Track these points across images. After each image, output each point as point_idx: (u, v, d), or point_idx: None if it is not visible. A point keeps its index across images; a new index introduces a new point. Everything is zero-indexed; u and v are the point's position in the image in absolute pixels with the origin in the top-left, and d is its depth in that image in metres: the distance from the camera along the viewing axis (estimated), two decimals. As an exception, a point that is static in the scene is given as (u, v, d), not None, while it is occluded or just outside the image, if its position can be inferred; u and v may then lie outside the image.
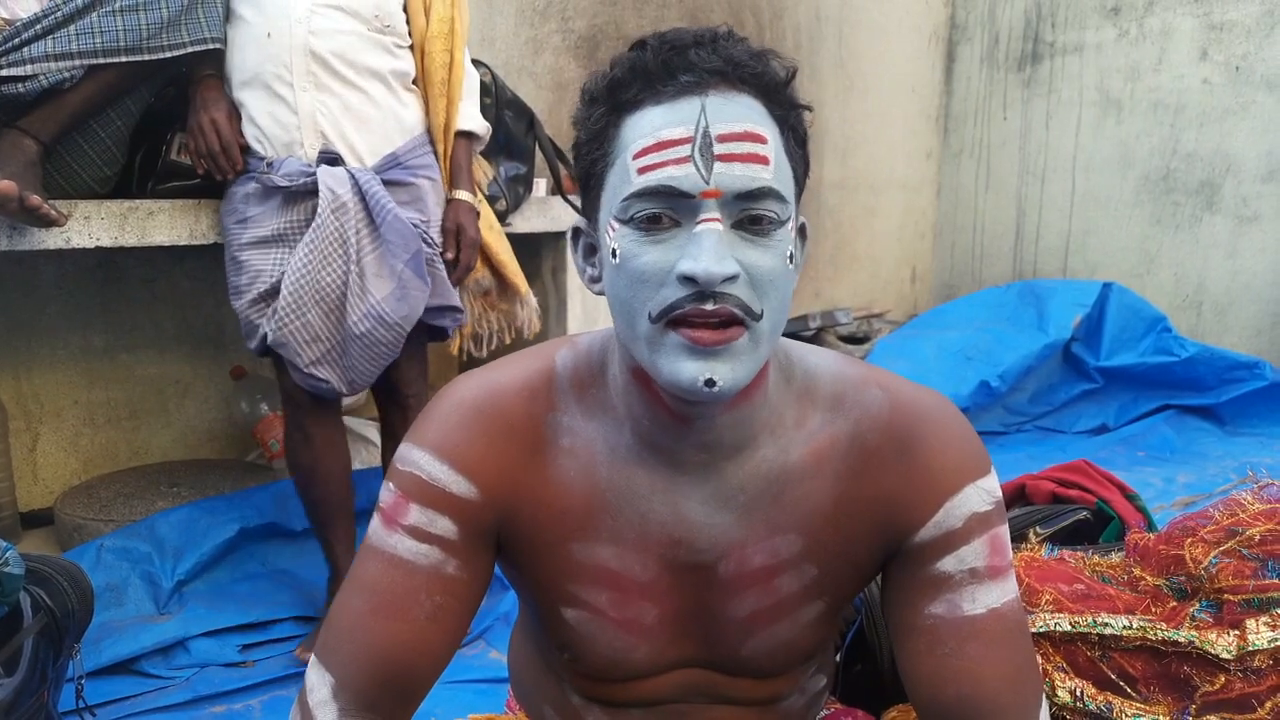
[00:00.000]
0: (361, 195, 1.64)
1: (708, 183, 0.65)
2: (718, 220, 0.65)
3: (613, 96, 0.69)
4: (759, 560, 0.78)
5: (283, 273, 1.64)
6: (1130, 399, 3.28)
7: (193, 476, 2.21)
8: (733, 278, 0.64)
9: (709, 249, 0.64)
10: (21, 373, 2.20)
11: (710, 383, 0.65)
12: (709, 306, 0.64)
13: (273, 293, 1.65)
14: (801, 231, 0.76)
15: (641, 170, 0.66)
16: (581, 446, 0.78)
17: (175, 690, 1.63)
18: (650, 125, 0.67)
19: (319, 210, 1.61)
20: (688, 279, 0.64)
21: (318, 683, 0.75)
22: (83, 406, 2.29)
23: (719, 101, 0.66)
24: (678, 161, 0.65)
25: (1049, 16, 3.98)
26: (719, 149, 0.65)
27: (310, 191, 1.63)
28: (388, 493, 0.78)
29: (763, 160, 0.66)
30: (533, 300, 2.10)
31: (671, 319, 0.66)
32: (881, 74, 4.11)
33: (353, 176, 1.64)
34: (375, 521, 0.78)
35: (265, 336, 1.65)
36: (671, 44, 0.67)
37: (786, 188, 0.68)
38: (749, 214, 0.66)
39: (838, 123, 3.94)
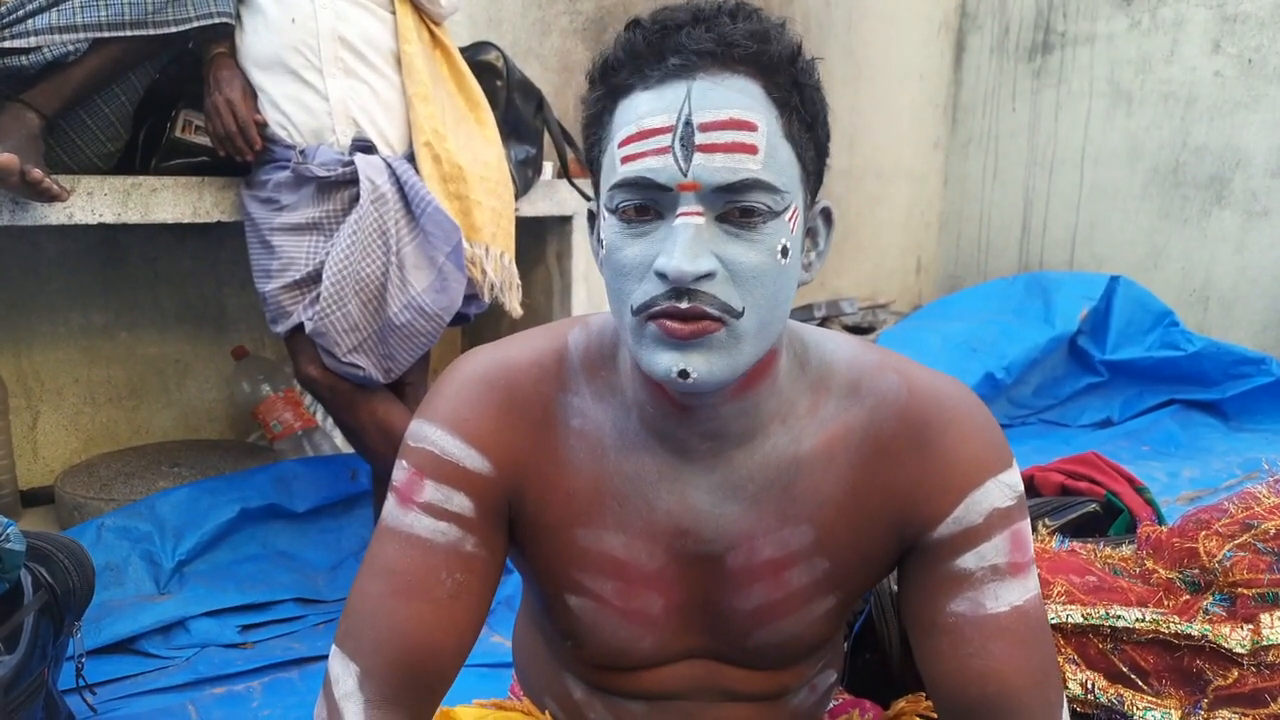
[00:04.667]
0: (399, 185, 1.62)
1: (685, 175, 0.62)
2: (697, 214, 0.63)
3: (606, 80, 0.68)
4: (768, 552, 0.76)
5: (318, 261, 1.62)
6: (1136, 393, 3.26)
7: (193, 456, 2.21)
8: (708, 275, 0.63)
9: (681, 246, 0.62)
10: (22, 350, 2.19)
11: (684, 374, 0.64)
12: (683, 305, 0.63)
13: (307, 280, 1.64)
14: (826, 217, 0.73)
15: (624, 160, 0.65)
16: (591, 429, 0.77)
17: (175, 670, 1.63)
18: (635, 112, 0.65)
19: (360, 201, 1.59)
20: (662, 275, 0.63)
21: (342, 673, 0.73)
22: (83, 385, 2.28)
23: (706, 86, 0.63)
24: (657, 152, 0.63)
25: (1060, 6, 3.95)
26: (700, 139, 0.62)
27: (346, 181, 1.62)
28: (401, 471, 0.76)
29: (749, 149, 0.63)
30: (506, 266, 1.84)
31: (650, 313, 0.65)
32: (890, 62, 4.08)
33: (389, 165, 1.62)
34: (390, 501, 0.76)
35: (298, 323, 1.64)
36: (663, 23, 0.65)
37: (781, 176, 0.65)
38: (735, 206, 0.63)
39: (845, 111, 3.91)
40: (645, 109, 0.64)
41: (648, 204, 0.64)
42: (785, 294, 0.68)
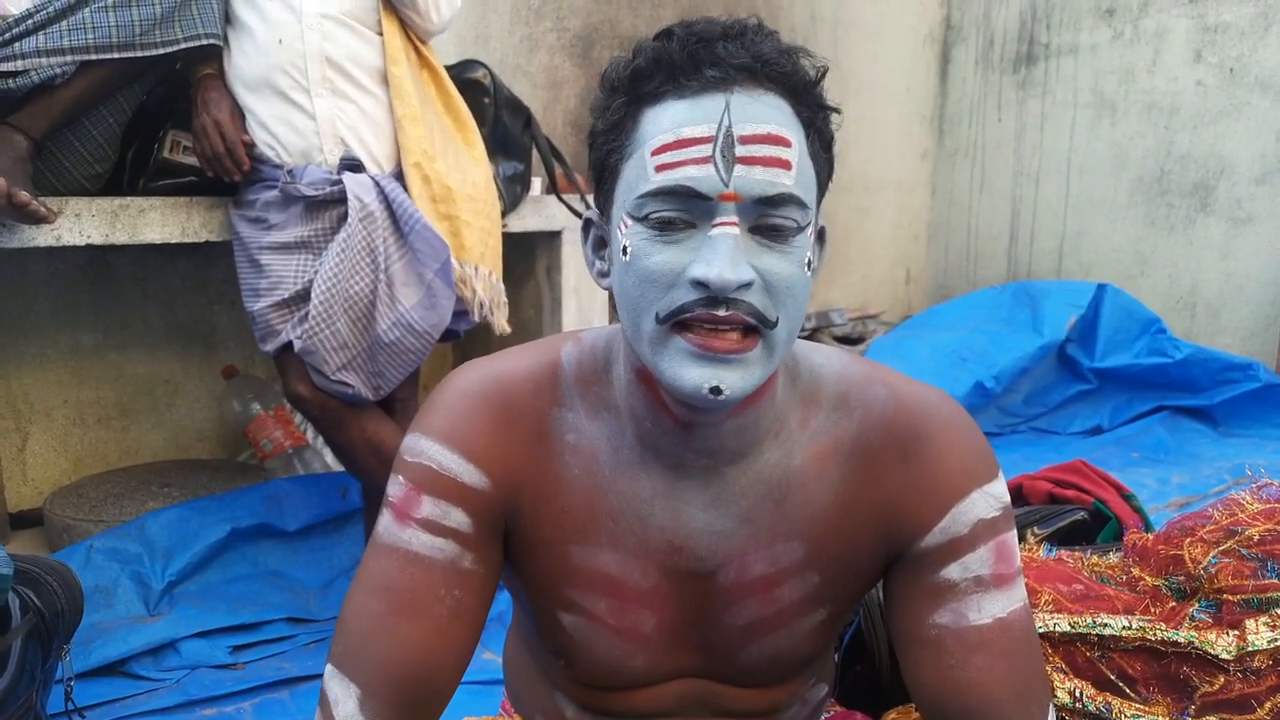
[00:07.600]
0: (387, 203, 1.63)
1: (727, 185, 0.62)
2: (734, 224, 0.63)
3: (634, 86, 0.67)
4: (760, 568, 0.76)
5: (307, 279, 1.63)
6: (1124, 400, 3.28)
7: (183, 477, 2.20)
8: (747, 285, 0.62)
9: (723, 254, 0.62)
10: (11, 371, 2.18)
11: (716, 390, 0.63)
12: (721, 312, 0.62)
13: (296, 299, 1.64)
14: (820, 235, 0.73)
15: (660, 168, 0.64)
16: (585, 445, 0.76)
17: (165, 692, 1.62)
18: (671, 120, 0.64)
19: (348, 220, 1.59)
20: (700, 284, 0.62)
21: (342, 695, 0.71)
22: (72, 406, 2.27)
23: (744, 100, 0.63)
24: (697, 161, 0.63)
25: (1044, 18, 3.98)
26: (741, 150, 0.62)
27: (334, 200, 1.62)
28: (397, 486, 0.75)
29: (785, 165, 0.63)
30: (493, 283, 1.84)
31: (679, 321, 0.64)
32: (876, 75, 4.11)
33: (377, 184, 1.63)
34: (385, 517, 0.75)
35: (287, 342, 1.64)
36: (699, 35, 0.65)
37: (808, 193, 0.66)
38: (768, 220, 0.63)
39: (833, 123, 3.93)
40: (683, 117, 0.63)
41: (679, 215, 0.64)
42: (805, 307, 0.69)
